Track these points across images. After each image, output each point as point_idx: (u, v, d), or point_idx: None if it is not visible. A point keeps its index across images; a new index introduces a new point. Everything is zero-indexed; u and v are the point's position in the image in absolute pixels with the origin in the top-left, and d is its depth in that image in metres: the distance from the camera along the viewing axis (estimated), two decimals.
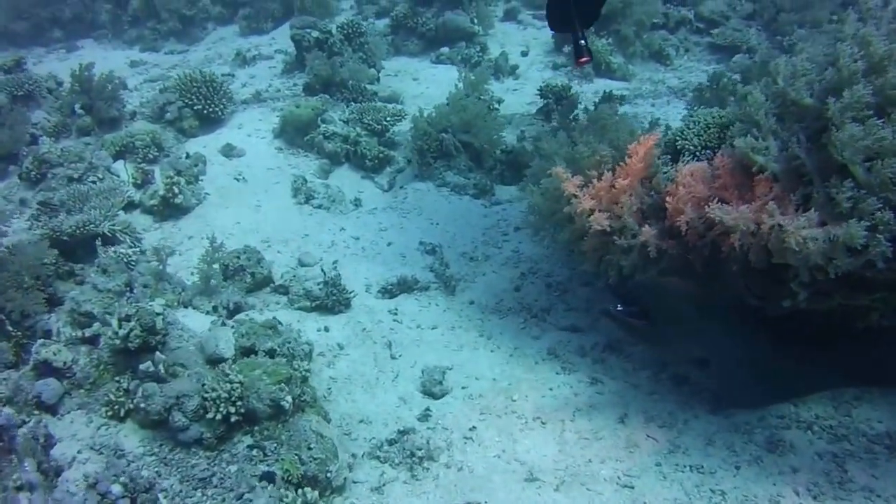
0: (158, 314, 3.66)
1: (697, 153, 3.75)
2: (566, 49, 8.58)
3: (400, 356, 4.43)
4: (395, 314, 4.78)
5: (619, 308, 3.44)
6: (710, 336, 3.39)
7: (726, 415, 3.76)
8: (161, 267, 4.42)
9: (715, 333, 3.38)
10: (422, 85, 8.24)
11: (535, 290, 5.01)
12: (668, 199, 3.38)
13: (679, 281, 3.35)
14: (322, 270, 4.80)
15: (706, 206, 3.14)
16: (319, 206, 5.90)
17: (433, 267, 5.20)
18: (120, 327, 3.53)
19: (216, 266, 4.51)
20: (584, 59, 3.73)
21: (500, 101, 7.23)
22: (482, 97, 6.82)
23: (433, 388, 4.17)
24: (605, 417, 3.87)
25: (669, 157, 3.85)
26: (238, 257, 4.71)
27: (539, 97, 7.17)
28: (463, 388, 4.20)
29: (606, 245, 3.76)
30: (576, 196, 3.71)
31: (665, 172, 3.67)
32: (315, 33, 7.80)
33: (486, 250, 5.47)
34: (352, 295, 4.75)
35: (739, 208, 2.93)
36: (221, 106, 6.62)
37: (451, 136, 6.28)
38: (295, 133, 6.53)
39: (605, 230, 3.62)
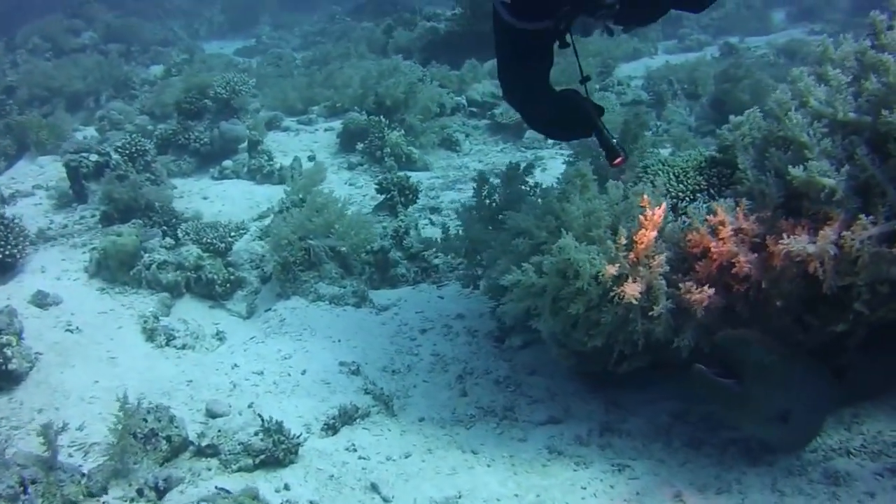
0: None
1: (689, 198, 3.70)
2: (359, 146, 8.46)
3: (393, 497, 3.60)
4: (356, 450, 3.93)
5: (704, 369, 3.13)
6: (792, 384, 3.23)
7: (768, 463, 3.60)
8: (49, 453, 3.10)
9: (795, 380, 3.24)
10: (215, 203, 7.47)
11: (484, 391, 4.50)
12: (711, 245, 3.24)
13: (755, 332, 3.17)
14: (260, 417, 3.78)
15: (769, 243, 3.07)
16: (184, 347, 4.81)
17: (367, 388, 4.43)
18: None
19: (129, 436, 3.30)
20: (619, 160, 3.24)
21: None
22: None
23: None
24: (661, 501, 3.48)
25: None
26: (145, 420, 3.52)
27: (377, 192, 6.86)
28: None
29: (628, 313, 3.48)
30: (592, 264, 3.40)
31: (669, 223, 3.55)
32: (94, 157, 6.62)
33: (403, 360, 4.85)
34: (301, 439, 3.80)
35: (820, 234, 2.86)
36: (19, 248, 5.17)
37: (318, 243, 5.59)
38: (118, 268, 5.33)
39: (636, 299, 3.34)
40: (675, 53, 13.30)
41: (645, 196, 3.44)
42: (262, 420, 3.76)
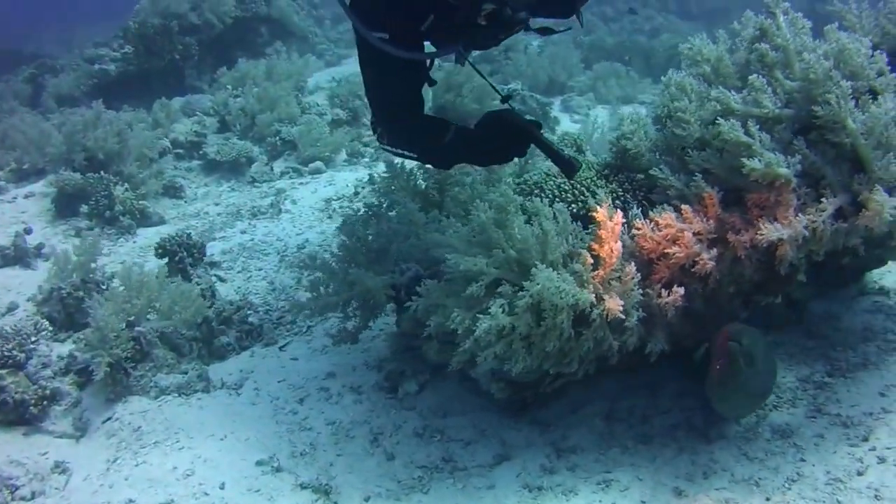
0: None
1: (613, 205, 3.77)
2: (84, 209, 7.62)
3: None
4: None
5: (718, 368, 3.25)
6: (769, 361, 3.51)
7: (720, 436, 3.84)
8: None
9: (770, 358, 3.52)
10: None
11: (412, 448, 4.19)
12: (671, 249, 3.38)
13: (747, 327, 3.38)
14: None
15: (733, 237, 3.31)
16: (34, 496, 3.73)
17: (303, 483, 3.84)
18: None
19: None
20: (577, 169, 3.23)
21: None
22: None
23: None
24: (665, 502, 3.55)
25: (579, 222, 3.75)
26: None
27: (159, 255, 5.95)
28: None
29: (603, 332, 3.49)
30: (572, 294, 3.34)
31: None
32: None
33: (302, 438, 4.32)
34: None
35: (792, 220, 3.16)
36: None
37: (148, 328, 4.66)
38: None
39: (620, 314, 3.37)
40: (322, 70, 13.49)
41: (599, 209, 3.46)
42: None
